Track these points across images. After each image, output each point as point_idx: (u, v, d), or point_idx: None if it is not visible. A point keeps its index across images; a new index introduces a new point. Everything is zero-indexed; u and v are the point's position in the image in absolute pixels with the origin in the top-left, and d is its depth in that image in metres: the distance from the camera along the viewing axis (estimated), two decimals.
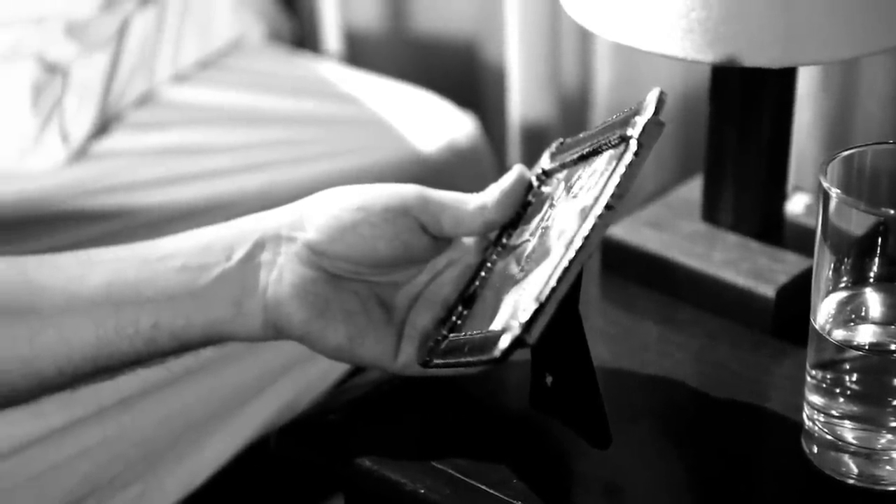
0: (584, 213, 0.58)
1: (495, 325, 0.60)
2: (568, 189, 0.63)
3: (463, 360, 0.61)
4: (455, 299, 0.66)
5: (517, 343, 0.55)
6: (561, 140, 0.67)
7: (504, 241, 0.66)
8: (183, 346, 0.63)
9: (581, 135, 0.65)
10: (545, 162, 0.67)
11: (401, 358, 0.65)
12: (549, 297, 0.55)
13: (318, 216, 0.63)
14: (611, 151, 0.60)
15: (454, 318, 0.65)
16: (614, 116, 0.62)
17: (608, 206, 0.56)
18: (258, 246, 0.63)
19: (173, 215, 1.10)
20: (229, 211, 1.08)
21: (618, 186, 0.56)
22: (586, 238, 0.56)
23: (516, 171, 0.66)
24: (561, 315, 0.57)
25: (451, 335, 0.64)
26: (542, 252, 0.60)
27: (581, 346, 0.60)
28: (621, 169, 0.57)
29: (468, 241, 0.67)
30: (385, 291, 0.66)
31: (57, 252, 0.64)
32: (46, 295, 0.61)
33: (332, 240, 0.63)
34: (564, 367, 0.60)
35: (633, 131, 0.58)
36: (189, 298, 0.62)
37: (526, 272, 0.61)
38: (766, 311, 0.73)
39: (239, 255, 0.63)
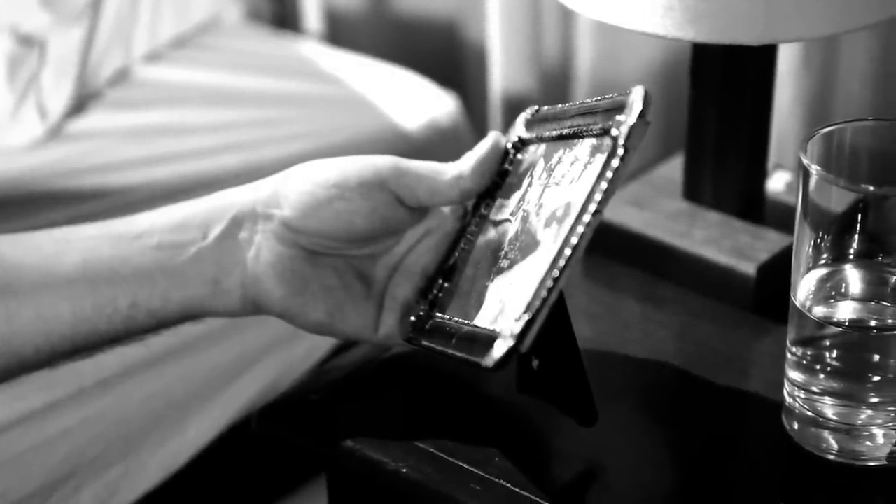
0: (572, 214, 0.57)
1: (482, 320, 0.60)
2: (549, 171, 0.62)
3: (449, 351, 0.61)
4: (435, 270, 0.66)
5: (510, 353, 0.56)
6: (536, 108, 0.67)
7: (482, 210, 0.66)
8: (161, 324, 0.63)
9: (559, 107, 0.65)
10: (521, 130, 0.66)
11: (382, 330, 0.65)
12: (540, 308, 0.56)
13: (293, 193, 0.63)
14: (593, 141, 0.60)
15: (435, 291, 0.65)
16: (596, 99, 0.61)
17: (596, 212, 0.56)
18: (234, 223, 0.63)
19: (153, 195, 1.10)
20: (210, 191, 1.07)
21: (605, 192, 0.56)
22: (575, 247, 0.56)
23: (491, 138, 0.66)
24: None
25: (437, 315, 0.64)
26: (527, 241, 0.60)
27: (566, 328, 0.60)
28: (608, 174, 0.57)
29: (445, 208, 0.67)
30: (363, 264, 0.65)
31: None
32: (22, 274, 0.61)
33: (308, 217, 0.63)
34: (550, 350, 0.60)
35: (619, 132, 0.57)
36: (166, 277, 0.62)
37: (511, 261, 0.61)
38: (746, 288, 0.73)
39: (215, 232, 0.63)
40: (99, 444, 0.97)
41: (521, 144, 0.66)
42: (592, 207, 0.56)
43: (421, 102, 1.27)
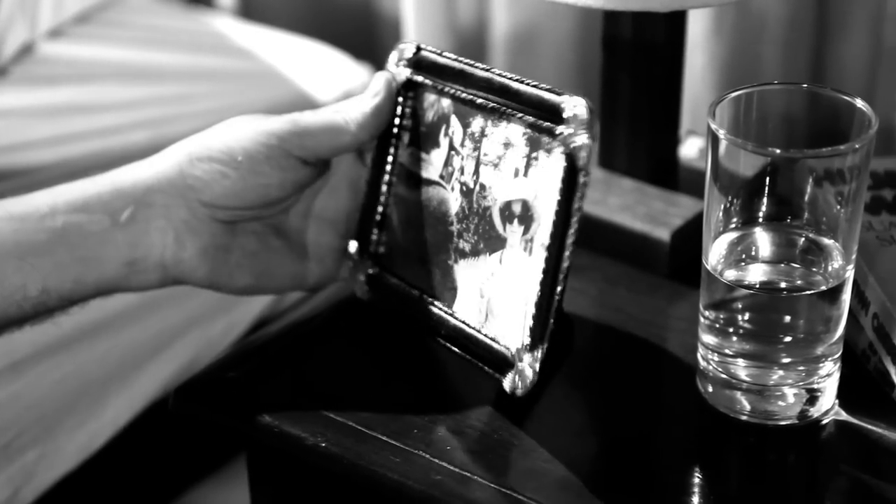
0: (539, 223, 0.60)
1: (467, 314, 0.63)
2: (473, 141, 0.63)
3: (444, 342, 0.64)
4: (362, 217, 0.68)
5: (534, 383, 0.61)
6: (416, 46, 0.67)
7: (395, 153, 0.67)
8: (74, 304, 0.63)
9: (452, 57, 0.65)
10: (405, 69, 0.66)
11: (310, 279, 0.67)
12: (550, 336, 0.60)
13: (202, 174, 0.62)
14: (525, 130, 0.60)
15: (374, 241, 0.67)
16: (516, 78, 0.61)
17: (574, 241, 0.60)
18: (144, 205, 0.62)
19: (64, 175, 1.06)
20: None
21: (577, 220, 0.59)
22: (566, 273, 0.60)
23: (384, 84, 0.66)
24: None
25: (398, 282, 0.67)
26: (486, 229, 0.62)
27: None
28: (577, 195, 0.59)
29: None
30: (276, 219, 0.66)
31: None
32: None
33: (223, 196, 0.63)
34: None
35: (576, 155, 0.58)
36: (77, 262, 0.61)
37: (473, 247, 0.63)
38: (661, 254, 0.74)
39: (125, 216, 0.62)
40: (13, 428, 0.95)
41: (412, 85, 0.66)
42: (571, 232, 0.59)
43: (336, 75, 1.26)
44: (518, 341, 0.61)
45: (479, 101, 0.63)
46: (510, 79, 0.62)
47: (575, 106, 0.59)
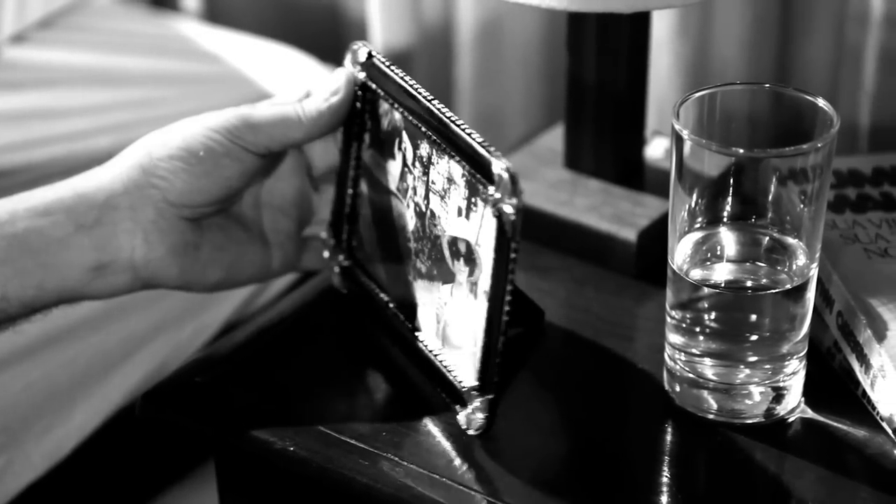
0: (481, 268, 0.59)
1: (427, 330, 0.64)
2: (423, 165, 0.63)
3: (406, 357, 0.65)
4: (335, 209, 0.69)
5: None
6: (368, 50, 0.66)
7: (358, 151, 0.67)
8: (36, 311, 0.62)
9: (398, 73, 0.64)
10: (360, 72, 0.66)
11: (275, 266, 0.68)
12: (496, 384, 0.61)
13: (166, 173, 0.62)
14: (465, 174, 0.60)
15: (345, 235, 0.69)
16: (454, 119, 0.60)
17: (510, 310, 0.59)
18: (108, 208, 0.62)
19: (29, 180, 1.06)
20: None
21: (512, 279, 0.58)
22: (504, 329, 0.59)
23: (343, 84, 0.66)
24: None
25: (363, 277, 0.68)
26: (438, 258, 0.62)
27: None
28: (510, 265, 0.58)
29: None
30: (235, 211, 0.67)
31: None
32: None
33: (190, 193, 0.63)
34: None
35: (508, 227, 0.57)
36: (38, 268, 0.60)
37: (428, 270, 0.63)
38: (628, 254, 0.74)
39: (88, 220, 0.61)
40: None
41: (366, 89, 0.66)
42: (509, 291, 0.58)
43: (302, 79, 1.26)
44: (469, 379, 0.61)
45: (425, 128, 0.62)
46: (448, 118, 0.61)
47: (501, 169, 0.58)
